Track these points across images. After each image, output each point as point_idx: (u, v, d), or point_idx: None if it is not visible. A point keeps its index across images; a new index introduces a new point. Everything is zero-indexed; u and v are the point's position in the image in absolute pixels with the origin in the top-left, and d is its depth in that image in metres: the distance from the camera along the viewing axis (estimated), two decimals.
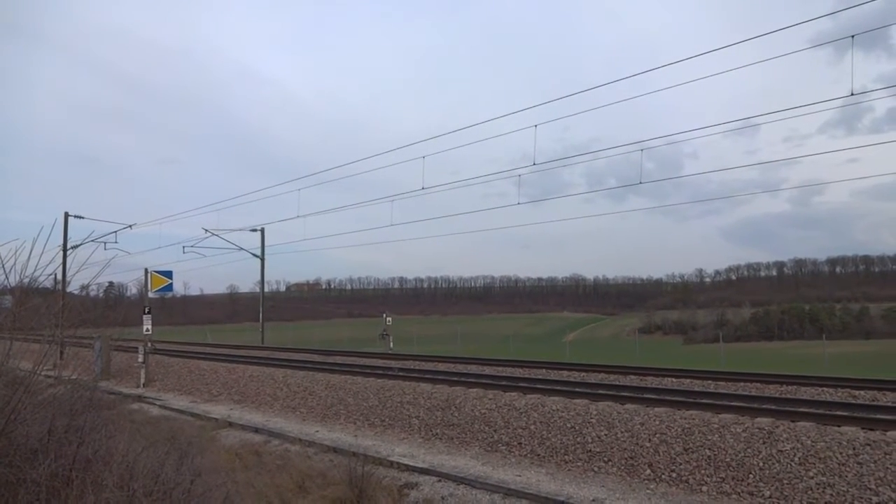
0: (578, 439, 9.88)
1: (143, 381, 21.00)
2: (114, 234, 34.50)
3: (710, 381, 13.65)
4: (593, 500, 7.85)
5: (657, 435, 9.23)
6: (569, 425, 10.31)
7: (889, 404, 10.29)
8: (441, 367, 18.67)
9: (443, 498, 8.42)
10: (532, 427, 10.69)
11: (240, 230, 39.76)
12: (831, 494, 7.16)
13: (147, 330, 22.55)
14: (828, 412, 9.42)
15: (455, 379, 14.89)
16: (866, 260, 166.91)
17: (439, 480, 9.11)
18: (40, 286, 6.73)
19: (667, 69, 15.69)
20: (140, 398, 18.46)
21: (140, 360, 21.35)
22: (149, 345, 22.27)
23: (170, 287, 25.16)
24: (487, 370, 17.46)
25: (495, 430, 11.05)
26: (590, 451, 9.54)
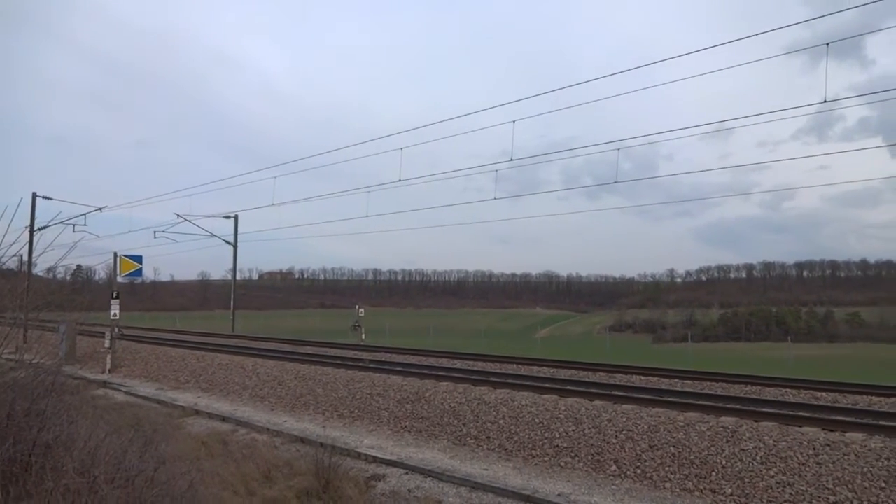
0: (546, 434, 9.95)
1: (108, 366, 20.68)
2: (83, 216, 33.81)
3: (677, 380, 13.84)
4: (559, 495, 7.91)
5: (624, 431, 9.34)
6: (537, 420, 10.38)
7: (849, 406, 10.53)
8: (412, 359, 18.67)
9: (409, 490, 8.42)
10: (501, 421, 10.74)
11: (213, 216, 39.30)
12: (790, 493, 7.31)
13: (114, 315, 22.16)
14: (790, 413, 9.61)
15: (426, 372, 14.90)
16: (833, 265, 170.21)
17: (406, 473, 9.11)
18: (5, 267, 6.58)
19: (646, 70, 15.81)
20: (105, 384, 18.19)
21: (106, 345, 21.01)
22: (116, 330, 21.91)
23: (139, 272, 24.72)
24: (458, 364, 17.50)
25: (464, 424, 11.08)
26: (557, 446, 9.62)
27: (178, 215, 36.52)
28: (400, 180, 22.52)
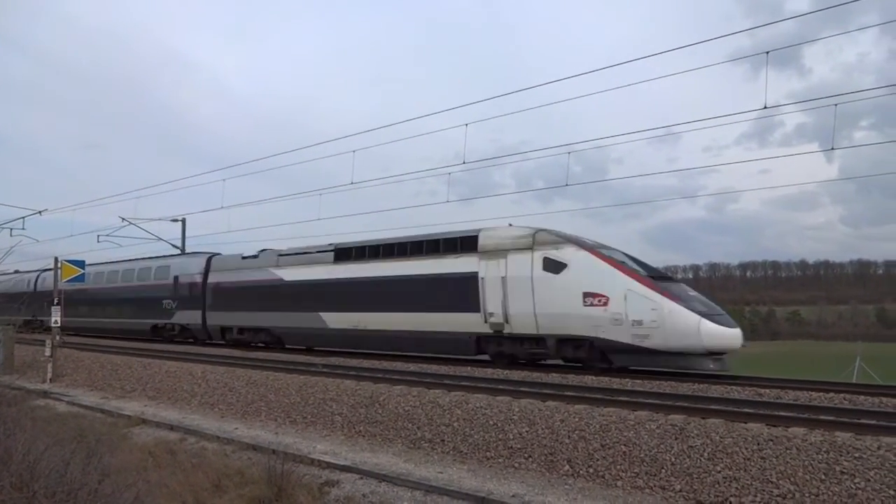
0: (500, 436, 10.00)
1: (50, 375, 19.93)
2: (21, 220, 32.66)
3: (627, 379, 14.07)
4: (513, 496, 7.96)
5: (576, 431, 9.45)
6: (491, 422, 10.42)
7: (791, 402, 10.88)
8: (366, 363, 18.53)
9: (364, 495, 8.36)
10: (455, 424, 10.75)
11: (160, 220, 38.31)
12: (736, 487, 7.52)
13: (56, 322, 21.41)
14: (736, 409, 9.88)
15: (380, 376, 14.81)
16: (774, 265, 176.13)
17: (361, 478, 9.04)
18: None
19: (596, 74, 16.07)
20: (46, 394, 17.53)
21: (47, 353, 20.25)
22: (57, 338, 21.15)
23: (82, 277, 23.96)
24: (412, 367, 17.45)
25: (419, 428, 11.06)
26: (511, 447, 9.68)
27: (123, 219, 35.51)
28: (352, 183, 22.39)
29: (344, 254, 21.01)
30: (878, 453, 7.45)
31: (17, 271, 44.03)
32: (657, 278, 14.94)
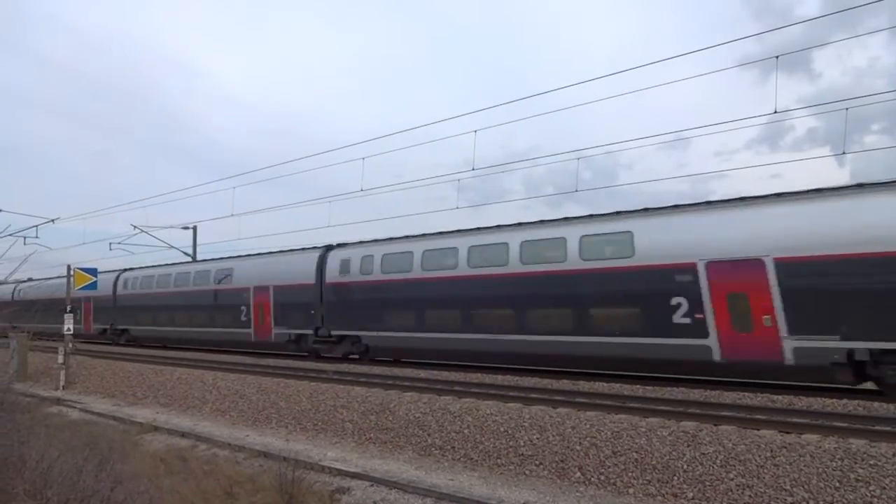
0: (511, 443, 9.97)
1: (62, 383, 20.06)
2: (34, 228, 32.98)
3: (638, 386, 14.01)
4: None
5: (588, 438, 9.41)
6: (502, 429, 10.39)
7: (804, 409, 10.79)
8: (376, 369, 18.54)
9: (374, 503, 8.35)
10: (466, 431, 10.72)
11: (171, 227, 38.66)
12: (750, 495, 7.45)
13: (68, 329, 21.56)
14: (748, 416, 9.81)
15: (390, 382, 14.82)
16: None
17: (371, 485, 9.03)
18: None
19: (606, 80, 16.11)
20: (59, 401, 17.64)
21: (60, 360, 20.39)
22: (70, 345, 21.30)
23: (94, 285, 24.13)
24: (423, 373, 17.44)
25: (429, 434, 11.04)
26: (522, 454, 9.64)
27: (135, 226, 35.84)
28: (362, 190, 22.48)
29: None
30: (893, 460, 7.38)
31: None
32: None
